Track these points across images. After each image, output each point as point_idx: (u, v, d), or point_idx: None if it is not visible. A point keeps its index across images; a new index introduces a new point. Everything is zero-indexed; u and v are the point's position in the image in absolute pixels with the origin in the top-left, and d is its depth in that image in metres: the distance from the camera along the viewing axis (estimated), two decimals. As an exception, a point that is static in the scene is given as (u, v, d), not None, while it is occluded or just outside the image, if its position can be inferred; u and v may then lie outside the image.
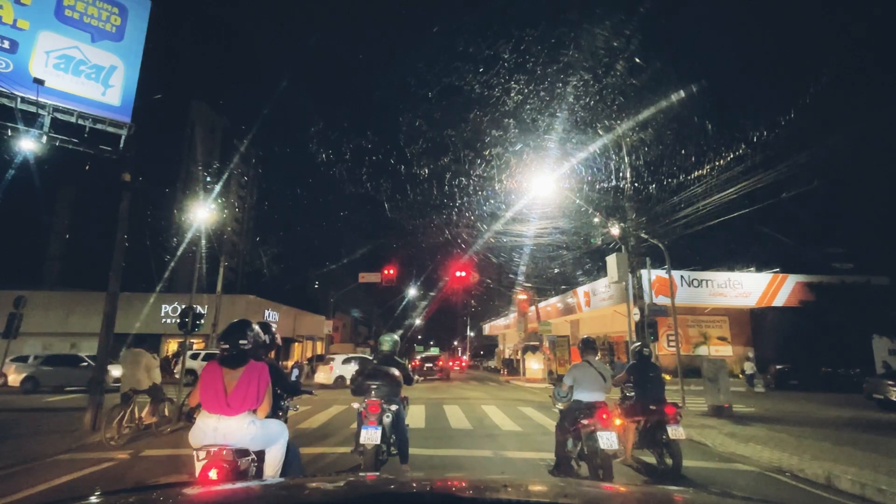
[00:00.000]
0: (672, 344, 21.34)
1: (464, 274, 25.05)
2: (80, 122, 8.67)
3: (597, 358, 5.41)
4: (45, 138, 8.39)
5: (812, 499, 5.11)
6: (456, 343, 74.21)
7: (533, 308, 29.31)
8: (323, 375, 20.05)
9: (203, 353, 21.96)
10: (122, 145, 9.02)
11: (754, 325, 26.42)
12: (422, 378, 24.68)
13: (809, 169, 13.37)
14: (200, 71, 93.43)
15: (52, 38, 8.52)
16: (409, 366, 5.80)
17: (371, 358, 5.66)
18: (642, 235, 13.65)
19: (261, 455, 3.04)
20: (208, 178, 52.70)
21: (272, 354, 4.06)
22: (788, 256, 28.07)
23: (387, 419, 4.84)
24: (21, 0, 8.37)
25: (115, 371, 12.54)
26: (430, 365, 28.07)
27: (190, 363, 16.53)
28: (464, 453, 6.85)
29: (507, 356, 42.79)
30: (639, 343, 6.70)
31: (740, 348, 26.26)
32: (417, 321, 60.39)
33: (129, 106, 9.08)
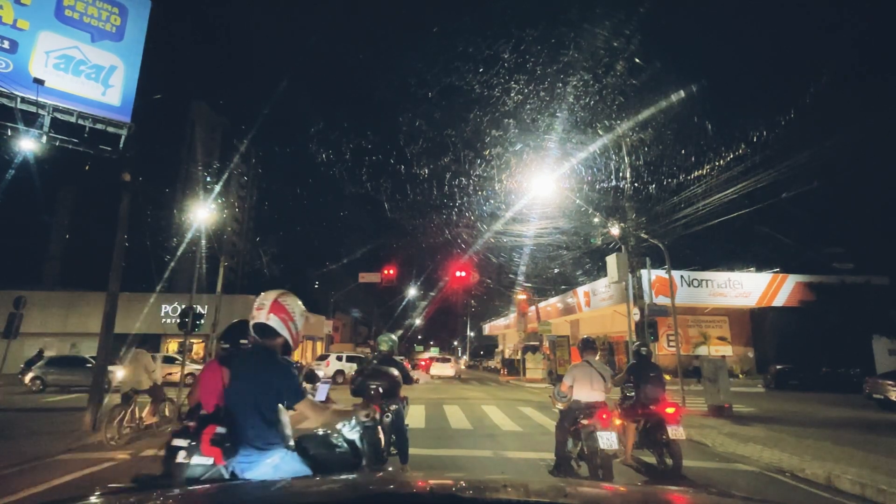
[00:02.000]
0: (672, 344, 21.34)
1: (464, 274, 25.06)
2: (80, 122, 8.66)
3: (597, 358, 5.41)
4: (45, 138, 8.39)
5: (812, 499, 5.11)
6: (456, 343, 74.18)
7: (533, 308, 29.32)
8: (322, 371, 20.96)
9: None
10: (122, 145, 9.02)
11: (754, 325, 26.42)
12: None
13: (809, 169, 13.38)
14: (200, 71, 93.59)
15: (52, 38, 8.52)
16: (417, 366, 5.90)
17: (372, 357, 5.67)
18: (642, 235, 13.65)
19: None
20: (208, 178, 52.73)
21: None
22: (788, 256, 28.12)
23: (386, 419, 4.84)
24: (21, 0, 8.36)
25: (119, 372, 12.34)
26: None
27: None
28: (464, 453, 6.85)
29: (507, 356, 42.81)
30: (637, 343, 6.70)
31: (740, 348, 26.26)
32: (417, 321, 60.45)
33: (129, 106, 9.07)
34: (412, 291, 42.42)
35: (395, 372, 5.14)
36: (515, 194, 21.12)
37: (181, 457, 2.13)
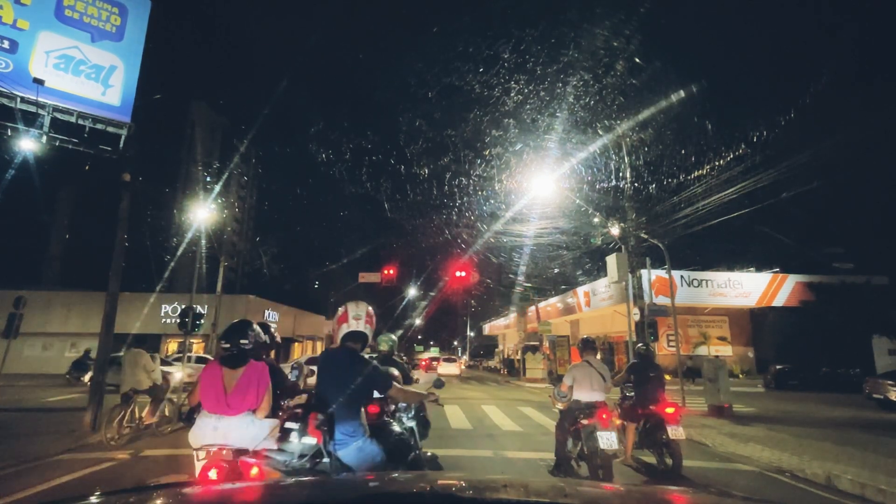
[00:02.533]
0: (672, 344, 21.34)
1: (464, 274, 25.01)
2: (80, 122, 8.66)
3: (597, 358, 5.41)
4: (45, 138, 8.38)
5: (812, 499, 5.11)
6: (456, 343, 74.16)
7: (533, 308, 29.31)
8: None
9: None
10: (122, 145, 9.01)
11: (754, 325, 26.43)
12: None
13: (809, 169, 13.38)
14: (200, 71, 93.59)
15: (52, 38, 8.51)
16: (417, 366, 6.00)
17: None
18: (642, 235, 13.65)
19: (261, 455, 3.04)
20: (208, 178, 52.72)
21: (273, 354, 4.06)
22: (788, 256, 28.09)
23: (386, 418, 4.83)
24: (21, 0, 8.36)
25: (177, 373, 10.68)
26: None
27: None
28: (464, 453, 6.84)
29: (507, 356, 42.83)
30: (640, 343, 6.70)
31: (740, 348, 26.26)
32: (417, 321, 60.32)
33: (129, 106, 9.06)
34: (412, 291, 42.34)
35: (396, 372, 5.13)
36: (515, 194, 21.13)
37: (293, 437, 2.58)
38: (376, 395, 4.94)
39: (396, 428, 3.25)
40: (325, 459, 2.61)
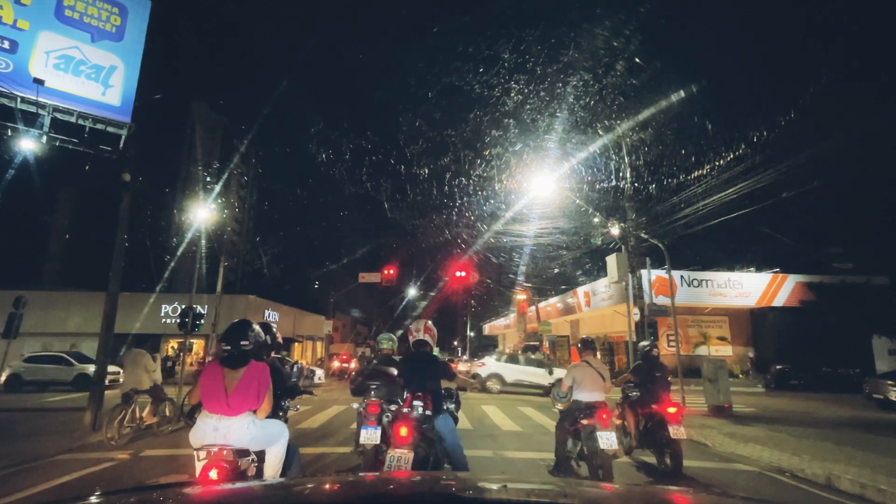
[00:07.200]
0: (672, 344, 21.31)
1: (464, 274, 25.01)
2: (80, 122, 8.66)
3: (596, 358, 5.41)
4: (45, 138, 8.39)
5: (812, 499, 5.11)
6: (456, 343, 74.13)
7: (533, 308, 29.31)
8: None
9: None
10: (122, 145, 9.02)
11: (754, 325, 26.40)
12: None
13: (809, 169, 13.37)
14: (200, 71, 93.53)
15: (52, 38, 8.52)
16: None
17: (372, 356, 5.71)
18: (642, 235, 13.64)
19: (261, 455, 3.04)
20: (208, 178, 52.69)
21: (273, 354, 4.07)
22: (788, 256, 28.02)
23: (386, 418, 4.83)
24: (21, 0, 8.37)
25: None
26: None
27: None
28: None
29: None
30: (647, 343, 6.68)
31: (740, 348, 26.24)
32: (417, 321, 60.18)
33: (129, 106, 9.07)
34: (412, 291, 42.43)
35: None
36: (515, 194, 21.13)
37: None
38: (376, 389, 5.02)
39: (448, 410, 4.39)
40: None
